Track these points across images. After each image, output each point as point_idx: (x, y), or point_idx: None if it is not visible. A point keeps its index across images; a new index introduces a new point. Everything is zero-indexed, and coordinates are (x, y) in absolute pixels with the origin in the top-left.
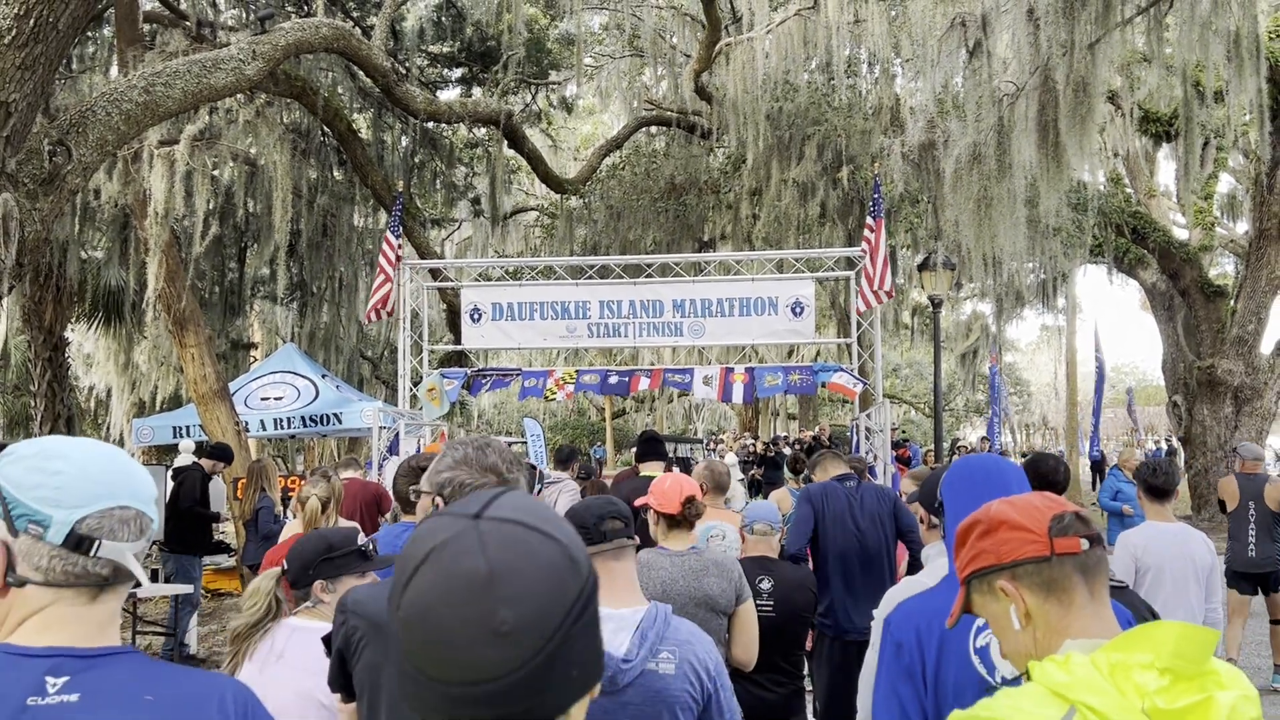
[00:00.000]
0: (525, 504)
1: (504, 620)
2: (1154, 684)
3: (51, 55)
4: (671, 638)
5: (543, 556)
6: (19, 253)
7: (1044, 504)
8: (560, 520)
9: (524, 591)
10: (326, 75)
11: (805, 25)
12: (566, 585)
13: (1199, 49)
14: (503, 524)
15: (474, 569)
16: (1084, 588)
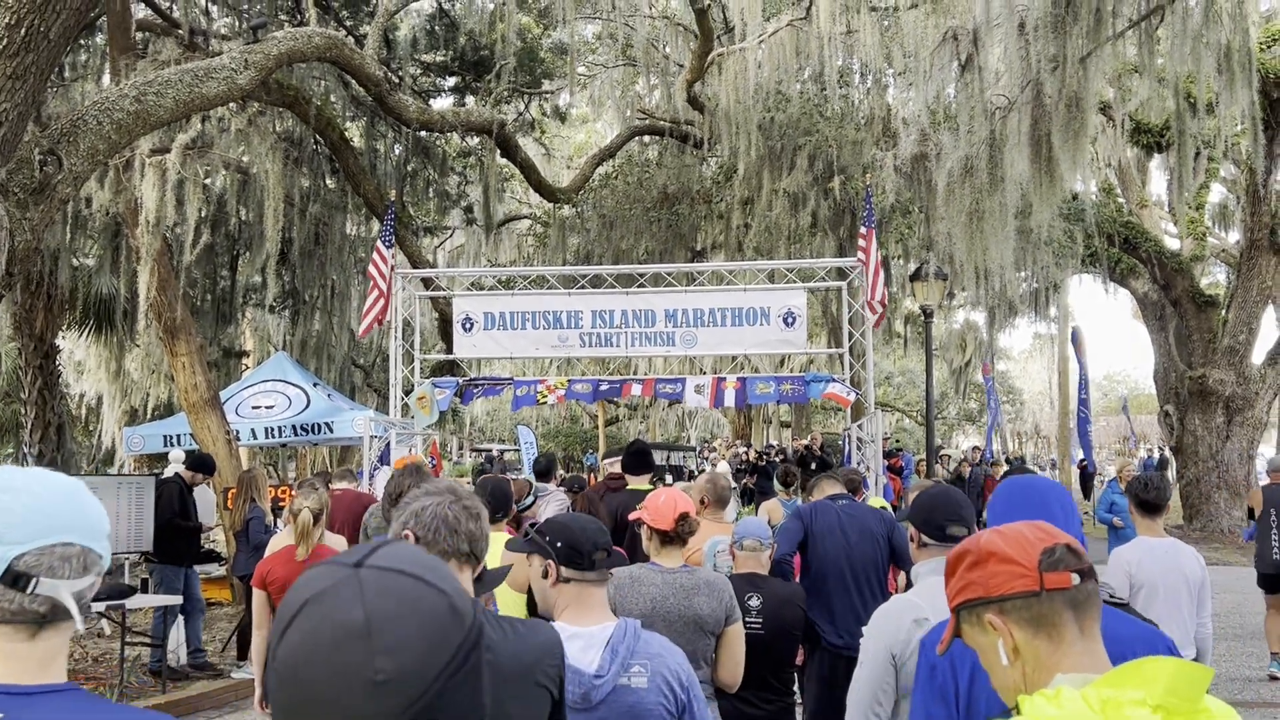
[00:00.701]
0: (410, 554)
1: (380, 669)
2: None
3: (43, 64)
4: (643, 651)
5: (424, 605)
6: (9, 261)
7: (1035, 536)
8: (445, 569)
9: (403, 641)
10: (319, 84)
11: (798, 36)
12: (449, 634)
13: (1191, 61)
14: (384, 572)
15: (351, 618)
16: (1074, 624)
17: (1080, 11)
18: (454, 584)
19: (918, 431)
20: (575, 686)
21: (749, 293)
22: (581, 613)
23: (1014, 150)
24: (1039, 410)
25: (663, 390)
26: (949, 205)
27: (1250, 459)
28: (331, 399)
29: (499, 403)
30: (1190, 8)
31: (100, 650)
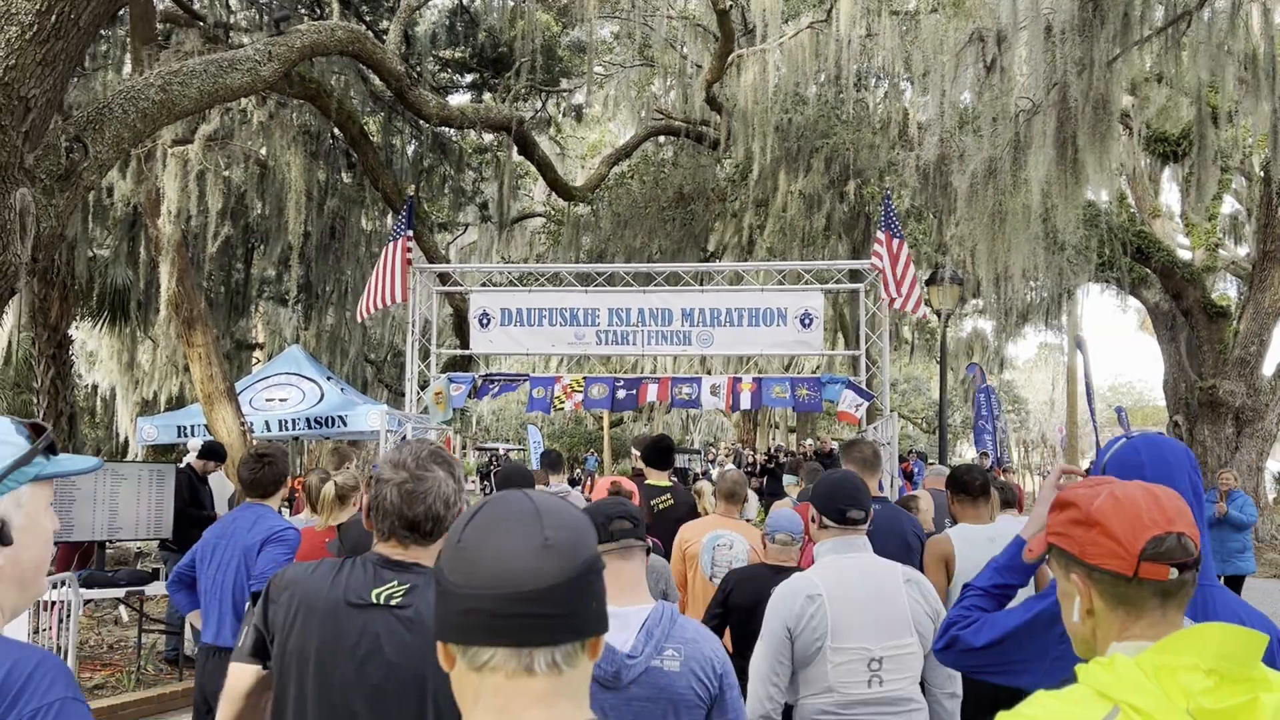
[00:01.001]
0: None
1: (549, 538)
2: (1199, 685)
3: (72, 52)
4: (677, 636)
5: (575, 511)
6: (34, 248)
7: (1150, 515)
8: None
9: (563, 523)
10: (339, 78)
11: (817, 38)
12: (590, 535)
13: (1213, 70)
14: (542, 494)
15: (526, 506)
16: (1157, 610)
17: (1109, 15)
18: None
19: (922, 439)
20: (608, 664)
21: (766, 293)
22: (615, 591)
23: (1039, 152)
24: (1044, 419)
25: (679, 396)
26: (971, 206)
27: (1259, 471)
28: (345, 393)
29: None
30: (1216, 15)
31: (116, 637)
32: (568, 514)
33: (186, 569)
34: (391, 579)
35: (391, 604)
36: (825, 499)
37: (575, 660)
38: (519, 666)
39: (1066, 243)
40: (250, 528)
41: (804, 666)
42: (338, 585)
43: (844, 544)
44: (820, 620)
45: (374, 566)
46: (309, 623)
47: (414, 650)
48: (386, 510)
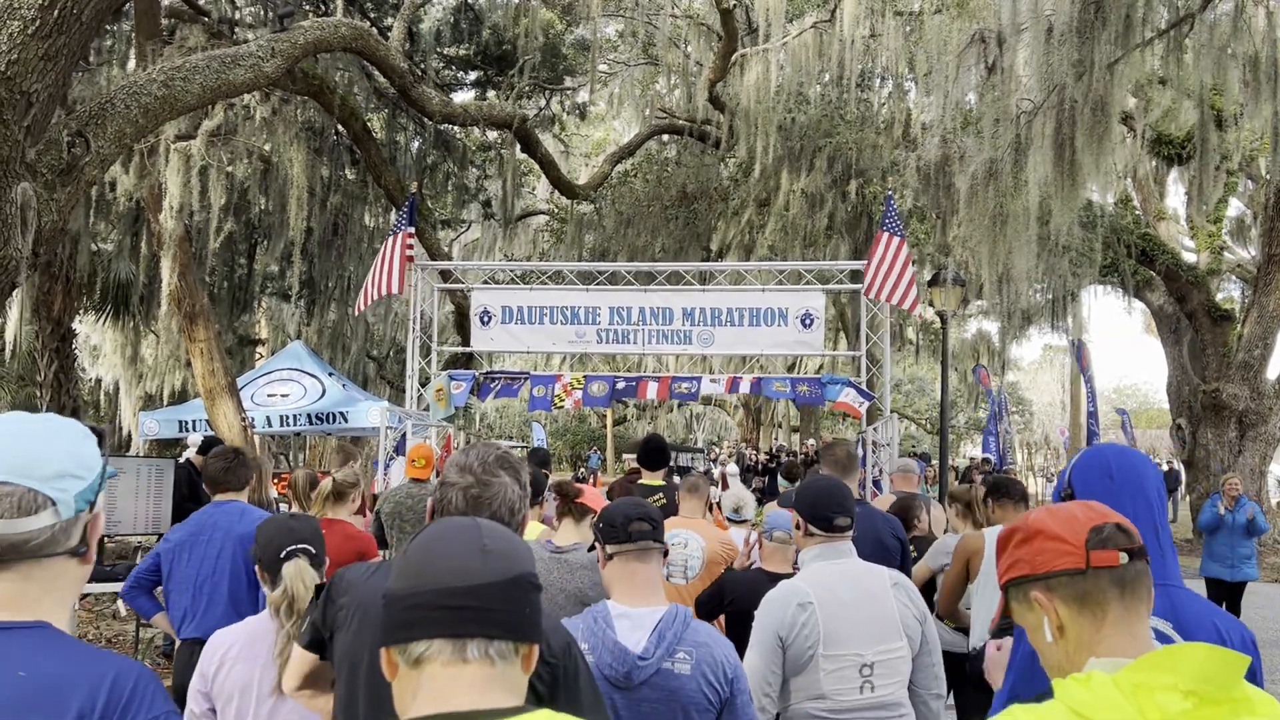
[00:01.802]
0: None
1: (487, 546)
2: (1176, 707)
3: (74, 47)
4: (689, 639)
5: (516, 539)
6: (35, 242)
7: (1085, 514)
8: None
9: (501, 538)
10: (343, 75)
11: (821, 38)
12: (527, 560)
13: (1216, 72)
14: (489, 522)
15: (469, 523)
16: (1119, 602)
17: (1110, 17)
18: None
19: (926, 439)
20: (619, 664)
21: (767, 293)
22: (631, 592)
23: (1038, 154)
24: (1048, 421)
25: (678, 390)
26: (971, 208)
27: (1262, 475)
28: (346, 389)
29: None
30: (1219, 18)
31: (114, 632)
32: (508, 535)
33: (148, 574)
34: None
35: None
36: (811, 506)
37: (509, 658)
38: (453, 655)
39: (1070, 245)
40: (240, 518)
41: (796, 674)
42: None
43: (831, 550)
44: (812, 628)
45: None
46: (364, 626)
47: None
48: (451, 515)
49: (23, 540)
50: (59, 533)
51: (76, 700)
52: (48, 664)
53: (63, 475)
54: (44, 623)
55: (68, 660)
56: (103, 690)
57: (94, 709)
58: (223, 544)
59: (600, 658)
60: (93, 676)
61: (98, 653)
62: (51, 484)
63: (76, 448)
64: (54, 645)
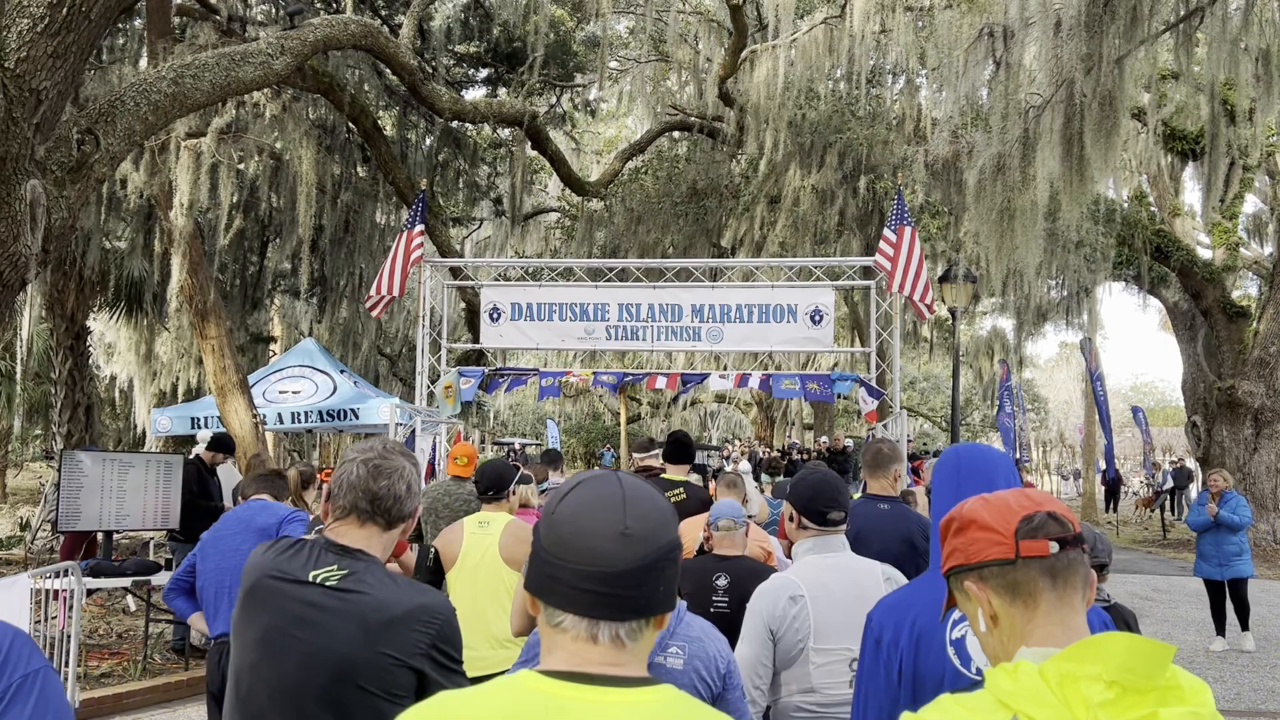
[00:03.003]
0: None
1: (629, 527)
2: (1100, 697)
3: (83, 44)
4: (683, 634)
5: (659, 502)
6: (45, 240)
7: (1017, 503)
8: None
9: (644, 514)
10: (353, 72)
11: (831, 34)
12: (670, 525)
13: (1228, 66)
14: (632, 478)
15: (615, 493)
16: (1051, 591)
17: (1118, 11)
18: (669, 506)
19: (941, 437)
20: None
21: (777, 289)
22: None
23: (1046, 148)
24: (1063, 419)
25: (689, 381)
26: (979, 203)
27: (1278, 472)
28: (358, 386)
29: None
30: (1230, 11)
31: (125, 627)
32: (651, 504)
33: (184, 576)
34: (333, 562)
35: (326, 584)
36: (806, 500)
37: (638, 635)
38: (585, 632)
39: (1083, 240)
40: (260, 512)
41: (786, 667)
42: (276, 563)
43: (823, 544)
44: (803, 621)
45: (320, 549)
46: (248, 599)
47: (334, 629)
48: (352, 483)
49: None
50: None
51: None
52: None
53: None
54: None
55: None
56: None
57: None
58: (243, 537)
59: None
60: None
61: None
62: None
63: None
64: None
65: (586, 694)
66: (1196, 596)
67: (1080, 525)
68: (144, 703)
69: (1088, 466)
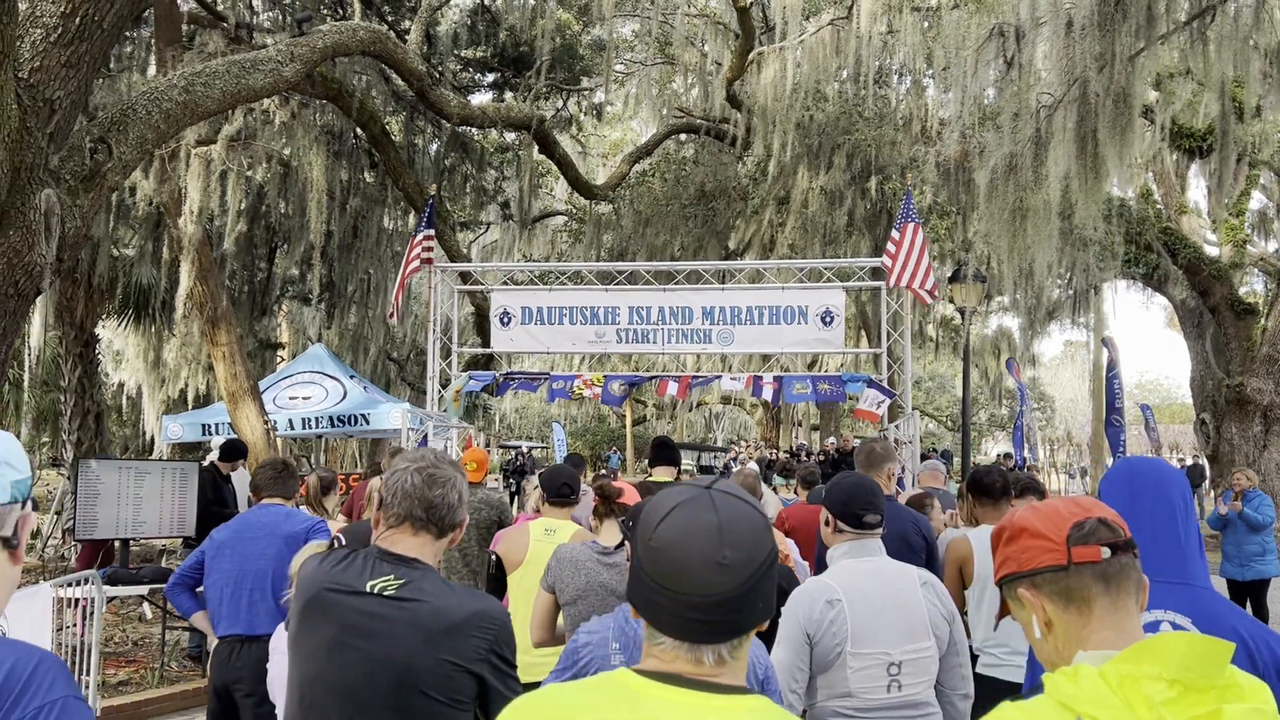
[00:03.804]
0: (737, 486)
1: (726, 557)
2: (1162, 696)
3: (95, 54)
4: None
5: (753, 519)
6: (59, 249)
7: (1068, 510)
8: (754, 498)
9: (740, 540)
10: (361, 78)
11: (838, 35)
12: (765, 541)
13: (1238, 64)
14: (727, 495)
15: (711, 521)
16: (1105, 596)
17: (1130, 10)
18: (763, 507)
19: (947, 437)
20: None
21: (787, 291)
22: None
23: (1059, 147)
24: (1070, 417)
25: (697, 382)
26: (991, 202)
27: None
28: (367, 391)
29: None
30: (1241, 9)
31: (141, 635)
32: (747, 527)
33: (191, 571)
34: (389, 572)
35: (384, 594)
36: (841, 504)
37: (738, 650)
38: (688, 654)
39: (1091, 239)
40: (285, 518)
41: (822, 672)
42: (332, 575)
43: (859, 548)
44: (840, 625)
45: (374, 560)
46: (307, 611)
47: (396, 638)
48: (407, 492)
49: None
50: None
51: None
52: None
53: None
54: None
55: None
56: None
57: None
58: (268, 542)
59: (631, 656)
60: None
61: (7, 642)
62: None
63: (9, 443)
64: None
65: (683, 697)
66: None
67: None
68: (162, 710)
69: (1095, 465)
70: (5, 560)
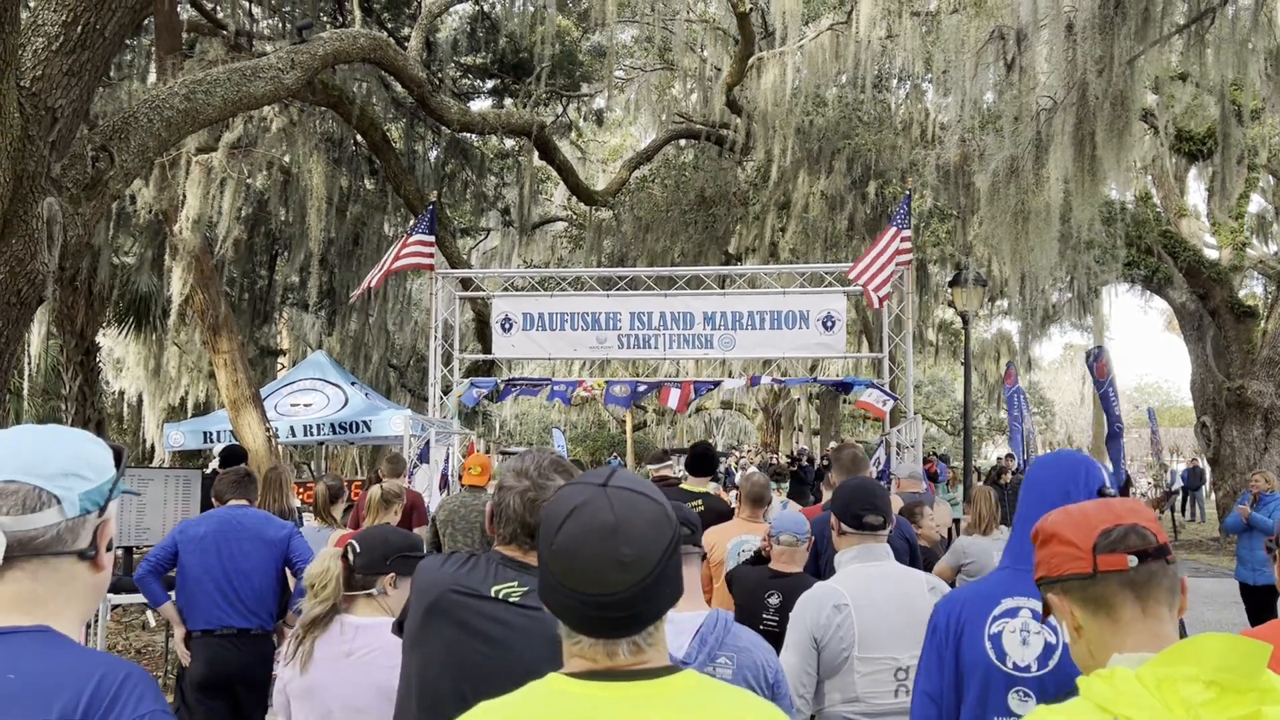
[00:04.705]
0: (633, 477)
1: (625, 555)
2: (1199, 697)
3: (97, 62)
4: (731, 644)
5: (649, 513)
6: (61, 257)
7: (1098, 515)
8: (655, 489)
9: (637, 536)
10: (361, 85)
11: (837, 40)
12: (664, 533)
13: (1236, 66)
14: (622, 491)
15: (606, 520)
16: (1134, 604)
17: (1129, 12)
18: (662, 496)
19: (947, 440)
20: None
21: (788, 296)
22: None
23: (1059, 150)
24: (1070, 421)
25: (700, 389)
26: (993, 205)
27: None
28: (369, 398)
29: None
30: (1240, 11)
31: (143, 643)
32: (642, 521)
33: (163, 562)
34: (513, 578)
35: (510, 600)
36: (843, 505)
37: (654, 634)
38: (604, 650)
39: (1093, 241)
40: (266, 523)
41: (830, 676)
42: (456, 578)
43: (866, 551)
44: (847, 630)
45: (496, 565)
46: (431, 613)
47: (524, 645)
48: (509, 516)
49: (29, 537)
50: (65, 531)
51: (60, 699)
52: (39, 665)
53: (67, 474)
54: (44, 626)
55: (59, 662)
56: (88, 689)
57: (77, 707)
58: (254, 545)
59: None
60: (80, 676)
61: (92, 654)
62: (55, 482)
63: (82, 449)
64: (49, 648)
65: (616, 691)
66: (1210, 598)
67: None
68: None
69: None
70: (86, 571)
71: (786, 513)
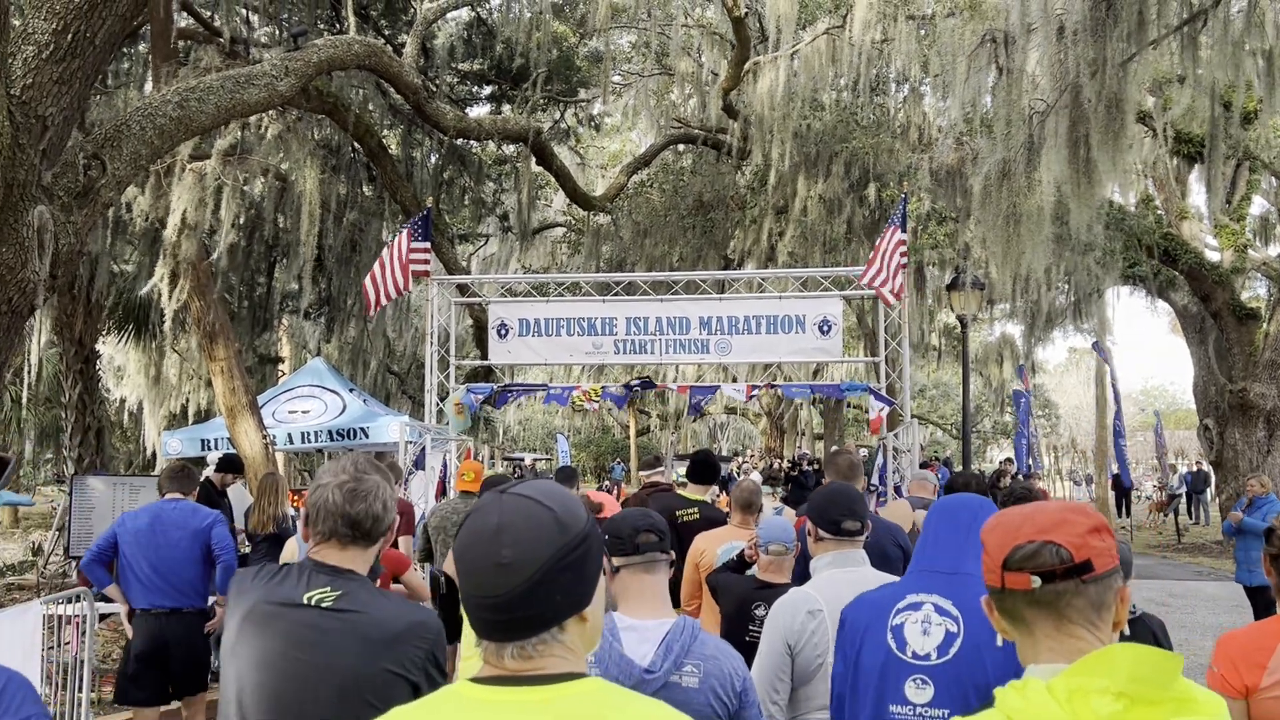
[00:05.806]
0: (541, 484)
1: (504, 557)
2: (1109, 708)
3: (88, 70)
4: (697, 652)
5: (535, 518)
6: (53, 265)
7: (1020, 528)
8: (563, 496)
9: (519, 539)
10: (357, 92)
11: (833, 44)
12: (552, 539)
13: (1231, 68)
14: (516, 496)
15: (490, 523)
16: (1045, 620)
17: (1121, 15)
18: (565, 505)
19: (951, 444)
20: (625, 678)
21: (784, 300)
22: (638, 604)
23: (1051, 153)
24: (1075, 424)
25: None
26: (985, 208)
27: None
28: (367, 404)
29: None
30: (1232, 13)
31: None
32: (528, 527)
33: (106, 551)
34: (325, 584)
35: (323, 606)
36: (819, 510)
37: (548, 643)
38: (495, 653)
39: (1094, 244)
40: (193, 514)
41: (804, 683)
42: (268, 589)
43: (842, 557)
44: (821, 636)
45: (309, 572)
46: (245, 624)
47: (337, 648)
48: (330, 510)
49: None
50: None
51: None
52: None
53: None
54: None
55: None
56: None
57: None
58: (181, 534)
59: (606, 670)
60: None
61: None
62: None
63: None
64: None
65: (505, 695)
66: (1213, 601)
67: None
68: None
69: (1099, 471)
70: None
71: (773, 520)
